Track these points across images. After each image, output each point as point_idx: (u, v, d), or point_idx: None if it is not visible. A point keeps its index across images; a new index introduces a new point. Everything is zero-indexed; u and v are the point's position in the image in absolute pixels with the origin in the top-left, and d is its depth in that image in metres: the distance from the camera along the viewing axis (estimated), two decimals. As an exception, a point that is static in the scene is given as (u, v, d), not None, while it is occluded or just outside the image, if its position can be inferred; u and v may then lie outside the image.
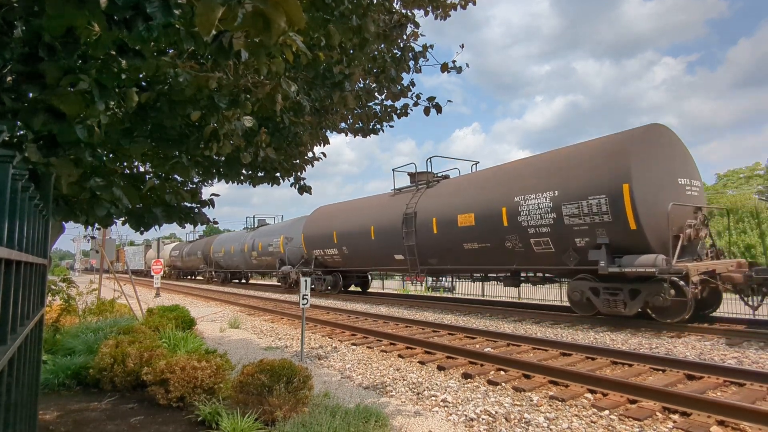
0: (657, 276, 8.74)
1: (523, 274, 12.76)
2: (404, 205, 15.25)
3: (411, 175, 16.66)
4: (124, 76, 2.40)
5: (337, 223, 18.69)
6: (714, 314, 10.15)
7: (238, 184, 5.01)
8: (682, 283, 8.57)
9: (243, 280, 34.45)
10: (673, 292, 8.74)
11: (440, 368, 6.60)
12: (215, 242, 33.62)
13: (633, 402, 4.83)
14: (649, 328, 9.36)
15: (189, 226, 4.67)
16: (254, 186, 5.16)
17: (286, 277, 22.67)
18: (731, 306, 11.51)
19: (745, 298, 8.67)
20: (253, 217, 32.21)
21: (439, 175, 16.08)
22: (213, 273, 34.38)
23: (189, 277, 44.28)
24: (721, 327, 8.97)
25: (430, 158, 16.29)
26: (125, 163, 4.12)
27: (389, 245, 15.85)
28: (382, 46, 4.33)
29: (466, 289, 22.38)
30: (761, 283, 8.36)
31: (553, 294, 17.83)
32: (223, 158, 4.22)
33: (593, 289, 10.16)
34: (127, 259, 55.63)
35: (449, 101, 4.77)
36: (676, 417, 4.45)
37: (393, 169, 17.08)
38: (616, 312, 9.72)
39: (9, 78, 2.33)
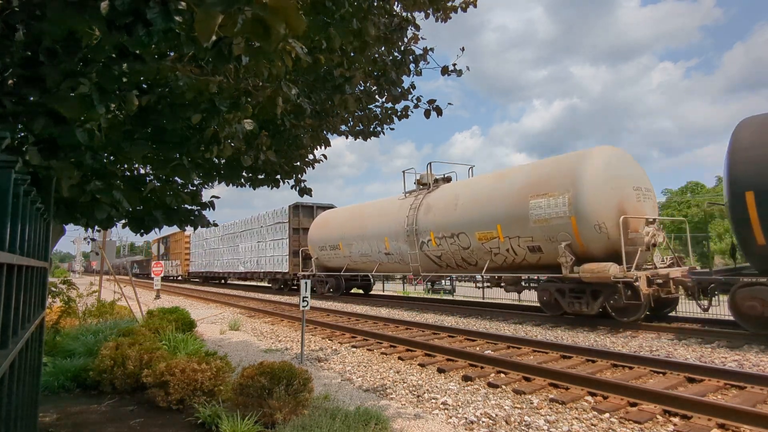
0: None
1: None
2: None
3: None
4: (124, 80, 2.41)
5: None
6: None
7: (238, 186, 5.01)
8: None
9: None
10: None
11: (440, 371, 6.60)
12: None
13: (633, 405, 4.83)
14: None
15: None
16: (255, 188, 5.16)
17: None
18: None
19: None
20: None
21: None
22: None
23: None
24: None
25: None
26: (126, 166, 4.13)
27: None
28: (383, 49, 4.33)
29: (466, 291, 22.35)
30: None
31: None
32: (223, 161, 4.22)
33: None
34: (202, 253, 31.75)
35: (449, 104, 4.77)
36: (676, 420, 4.44)
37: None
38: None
39: (10, 81, 2.34)
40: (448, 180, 15.89)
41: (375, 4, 3.62)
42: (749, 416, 4.16)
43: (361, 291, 21.41)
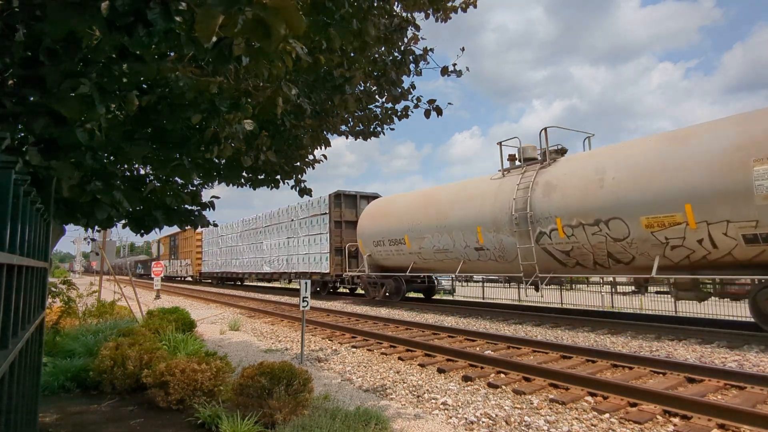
0: None
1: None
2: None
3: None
4: (125, 80, 2.41)
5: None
6: None
7: (238, 186, 5.01)
8: None
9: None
10: None
11: (440, 371, 6.60)
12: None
13: (633, 405, 4.83)
14: (651, 330, 9.35)
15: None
16: (255, 188, 5.17)
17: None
18: None
19: None
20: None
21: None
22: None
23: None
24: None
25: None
26: (126, 166, 4.13)
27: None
28: (383, 49, 4.34)
29: (466, 291, 22.36)
30: None
31: (554, 296, 17.81)
32: (223, 161, 4.23)
33: None
34: (217, 251, 28.55)
35: (449, 104, 4.78)
36: (676, 420, 4.44)
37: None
38: None
39: (10, 82, 2.34)
40: (562, 152, 12.24)
41: (375, 4, 3.63)
42: (749, 416, 4.16)
43: (421, 295, 17.80)
